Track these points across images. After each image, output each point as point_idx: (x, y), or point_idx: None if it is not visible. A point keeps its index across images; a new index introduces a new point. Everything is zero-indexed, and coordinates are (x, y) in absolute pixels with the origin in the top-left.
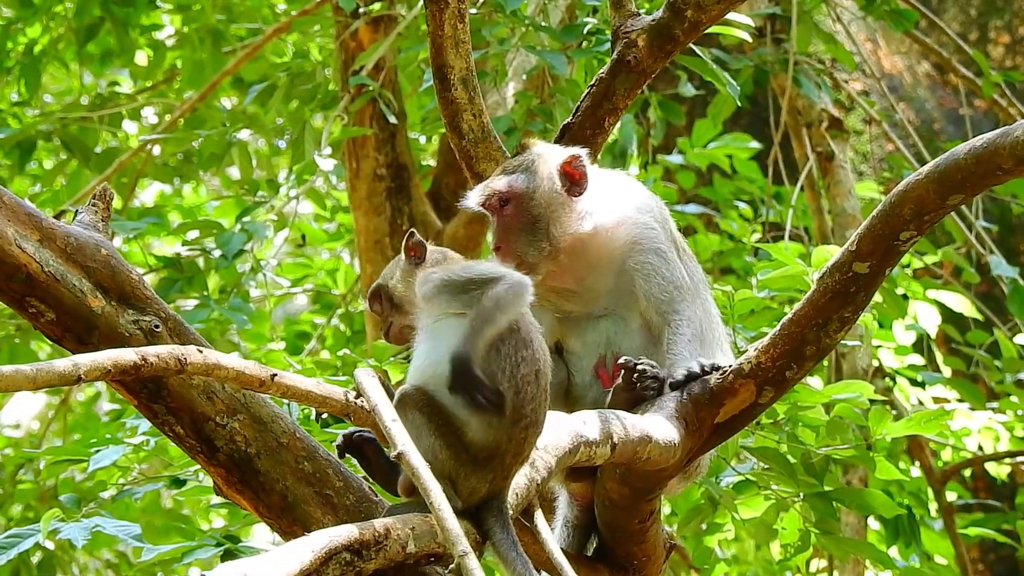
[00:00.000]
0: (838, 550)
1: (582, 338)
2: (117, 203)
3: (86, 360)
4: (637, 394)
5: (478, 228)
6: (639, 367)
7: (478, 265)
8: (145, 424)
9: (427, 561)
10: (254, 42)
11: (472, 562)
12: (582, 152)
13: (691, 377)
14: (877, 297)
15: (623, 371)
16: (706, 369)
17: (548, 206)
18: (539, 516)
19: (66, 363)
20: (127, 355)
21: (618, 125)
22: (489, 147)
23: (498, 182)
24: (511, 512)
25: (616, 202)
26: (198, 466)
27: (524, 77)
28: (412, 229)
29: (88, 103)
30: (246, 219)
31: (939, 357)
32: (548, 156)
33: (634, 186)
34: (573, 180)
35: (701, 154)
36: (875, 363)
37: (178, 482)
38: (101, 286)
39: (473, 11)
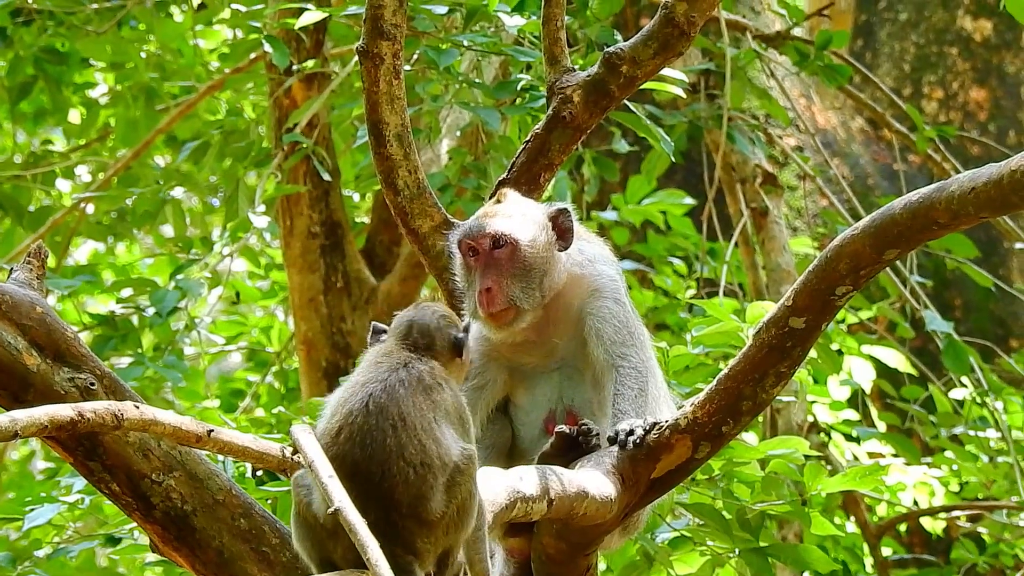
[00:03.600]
0: None
1: (532, 392)
2: (51, 261)
3: (23, 416)
4: (576, 449)
5: (413, 285)
6: (583, 428)
7: None
8: (80, 482)
9: None
10: (187, 100)
11: None
12: (569, 206)
13: (629, 432)
14: (812, 352)
15: (565, 437)
16: (644, 425)
17: (544, 258)
18: None
19: (2, 419)
20: (64, 411)
21: (553, 181)
22: (424, 203)
23: (498, 223)
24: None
25: (581, 258)
26: (134, 523)
27: (458, 134)
28: None
29: (21, 161)
30: (180, 277)
31: (874, 412)
32: (537, 208)
33: (592, 239)
34: (560, 234)
35: (635, 210)
36: (810, 418)
37: (113, 540)
38: (36, 344)
39: (407, 68)
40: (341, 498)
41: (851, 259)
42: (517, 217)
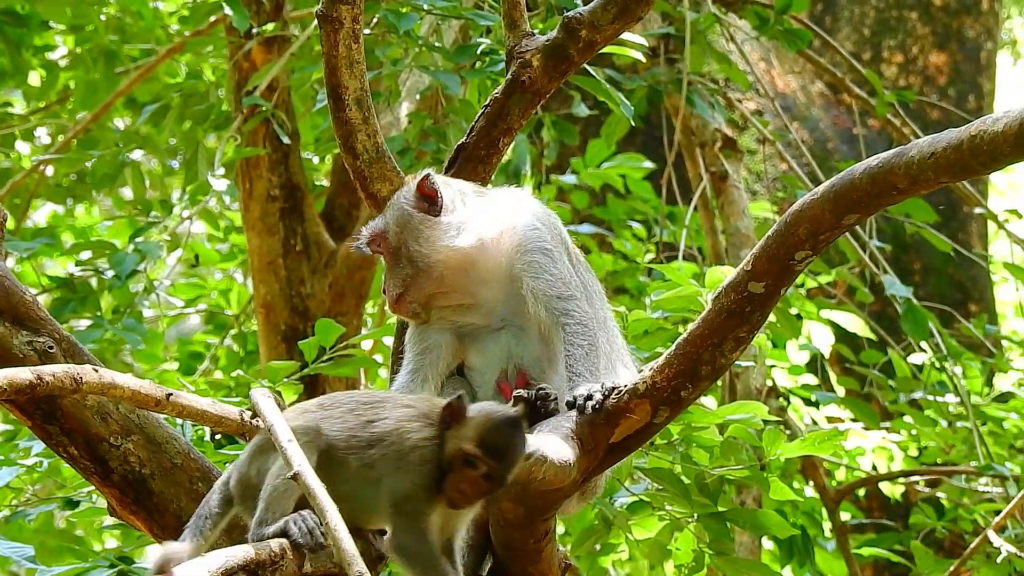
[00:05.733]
0: (732, 570)
1: (483, 353)
2: (10, 224)
3: None
4: (535, 413)
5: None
6: (540, 392)
7: None
8: (39, 445)
9: None
10: (147, 62)
11: None
12: (430, 171)
13: (588, 397)
14: (771, 317)
15: (521, 400)
16: (603, 391)
17: (402, 232)
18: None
19: None
20: (22, 374)
21: (512, 145)
22: (383, 167)
23: (364, 230)
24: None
25: (504, 215)
26: (92, 487)
27: (418, 97)
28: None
29: None
30: (139, 239)
31: (833, 377)
32: (405, 187)
33: (524, 200)
34: (429, 200)
35: (595, 174)
36: (769, 383)
37: (71, 503)
38: None
39: (367, 31)
40: (300, 462)
41: (810, 224)
42: (387, 209)
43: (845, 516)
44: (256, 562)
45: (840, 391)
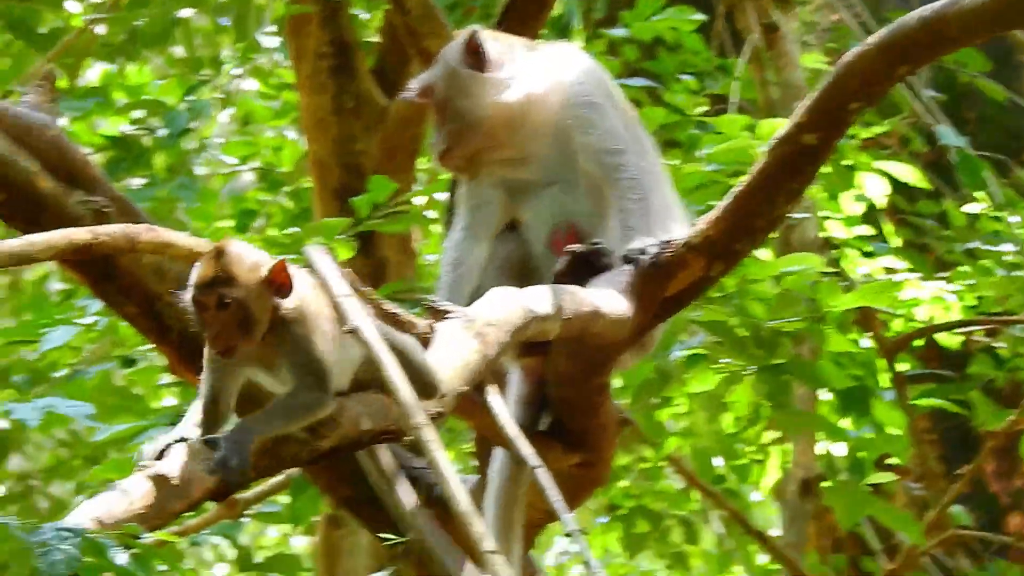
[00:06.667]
0: (789, 423)
1: (534, 209)
2: (62, 83)
3: (40, 239)
4: (589, 268)
5: (423, 105)
6: (593, 247)
7: None
8: (96, 304)
9: (383, 438)
10: None
11: (429, 434)
12: (478, 27)
13: (642, 251)
14: (825, 168)
15: (577, 256)
16: (657, 244)
17: (449, 87)
18: (492, 391)
19: (19, 242)
20: (80, 234)
21: None
22: (433, 23)
23: (412, 84)
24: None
25: (551, 70)
26: (150, 345)
27: None
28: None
29: None
30: (191, 97)
31: (888, 228)
32: (453, 43)
33: (573, 55)
34: (477, 55)
35: (645, 27)
36: (824, 235)
37: (129, 361)
38: (49, 167)
39: None
40: (358, 317)
41: (862, 75)
42: (435, 64)
43: (902, 367)
44: (315, 420)
45: (896, 242)
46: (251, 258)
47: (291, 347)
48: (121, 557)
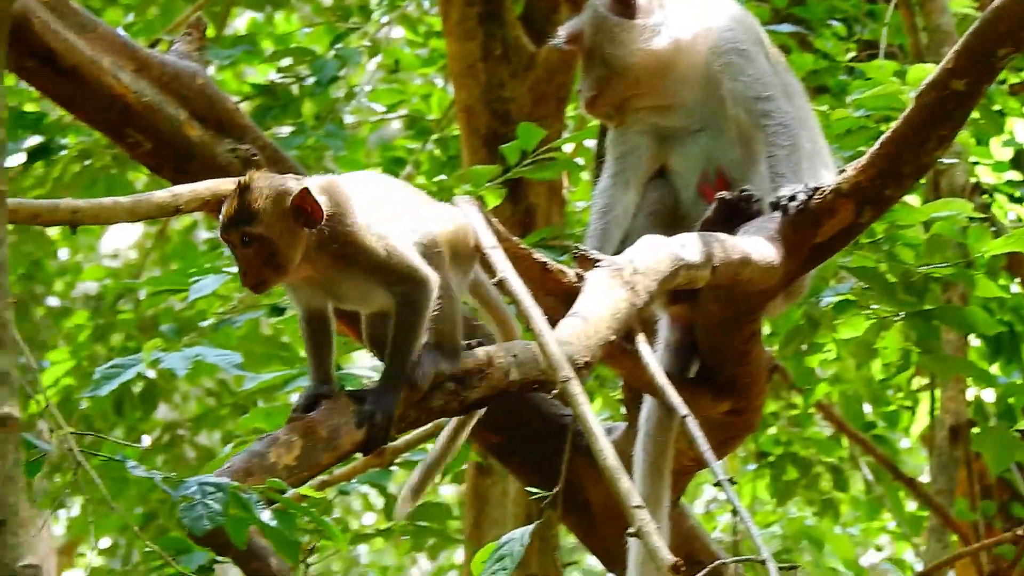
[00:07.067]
0: (939, 368)
1: (683, 155)
2: (210, 32)
3: (185, 190)
4: (738, 215)
5: (571, 52)
6: (742, 194)
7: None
8: None
9: (531, 388)
10: None
11: (575, 387)
12: None
13: (791, 198)
14: (974, 114)
15: (726, 203)
16: (806, 190)
17: (596, 34)
18: (641, 340)
19: (165, 194)
20: (227, 184)
21: None
22: None
23: (560, 30)
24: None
25: (699, 16)
26: None
27: None
28: None
29: None
30: (339, 45)
31: None
32: None
33: (721, 1)
34: (625, 2)
35: None
36: (973, 180)
37: (277, 310)
38: (198, 115)
39: None
40: (505, 267)
41: (1011, 20)
42: (583, 11)
43: None
44: (463, 371)
45: None
46: (275, 190)
47: (360, 259)
48: (265, 513)
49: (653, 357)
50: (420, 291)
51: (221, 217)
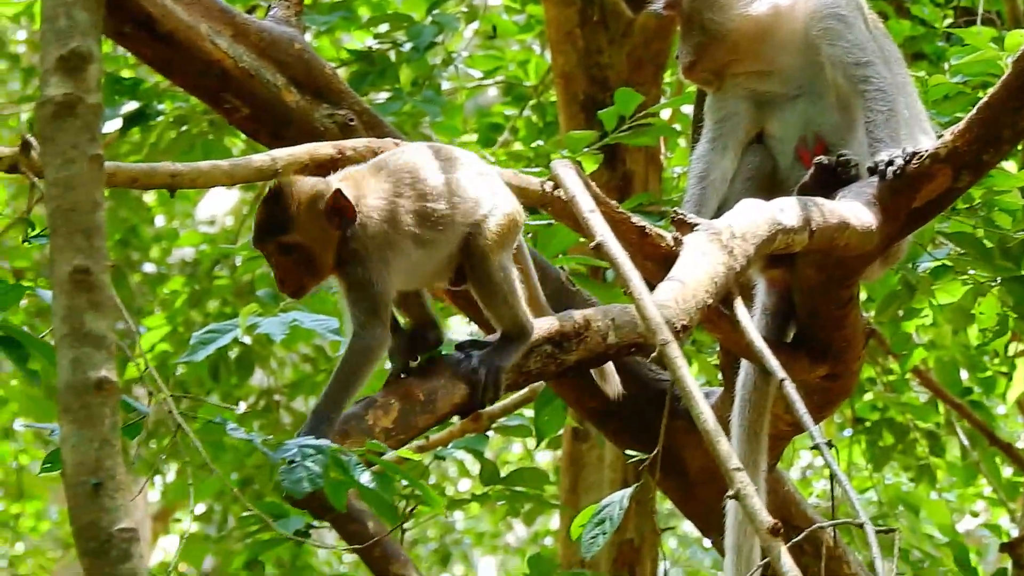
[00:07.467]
0: None
1: (781, 121)
2: None
3: (283, 154)
4: (835, 180)
5: (669, 19)
6: (840, 159)
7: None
8: None
9: (628, 352)
10: None
11: (674, 350)
12: None
13: (889, 163)
14: None
15: (824, 167)
16: (904, 155)
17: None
18: (738, 304)
19: (263, 158)
20: (324, 148)
21: None
22: None
23: None
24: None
25: None
26: None
27: None
28: None
29: None
30: (436, 11)
31: None
32: None
33: None
34: None
35: None
36: None
37: None
38: (295, 80)
39: None
40: (603, 232)
41: None
42: None
43: None
44: (561, 334)
45: None
46: (308, 194)
47: (351, 274)
48: (365, 475)
49: (750, 321)
50: (366, 344)
51: (254, 225)
